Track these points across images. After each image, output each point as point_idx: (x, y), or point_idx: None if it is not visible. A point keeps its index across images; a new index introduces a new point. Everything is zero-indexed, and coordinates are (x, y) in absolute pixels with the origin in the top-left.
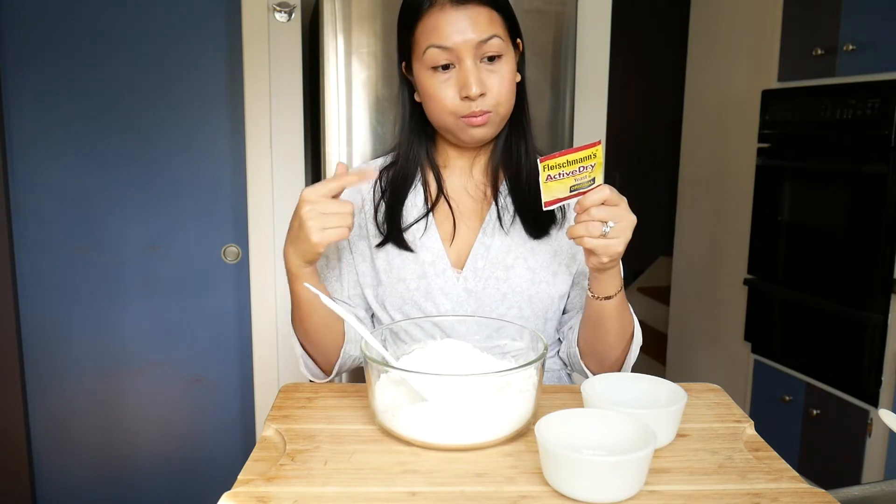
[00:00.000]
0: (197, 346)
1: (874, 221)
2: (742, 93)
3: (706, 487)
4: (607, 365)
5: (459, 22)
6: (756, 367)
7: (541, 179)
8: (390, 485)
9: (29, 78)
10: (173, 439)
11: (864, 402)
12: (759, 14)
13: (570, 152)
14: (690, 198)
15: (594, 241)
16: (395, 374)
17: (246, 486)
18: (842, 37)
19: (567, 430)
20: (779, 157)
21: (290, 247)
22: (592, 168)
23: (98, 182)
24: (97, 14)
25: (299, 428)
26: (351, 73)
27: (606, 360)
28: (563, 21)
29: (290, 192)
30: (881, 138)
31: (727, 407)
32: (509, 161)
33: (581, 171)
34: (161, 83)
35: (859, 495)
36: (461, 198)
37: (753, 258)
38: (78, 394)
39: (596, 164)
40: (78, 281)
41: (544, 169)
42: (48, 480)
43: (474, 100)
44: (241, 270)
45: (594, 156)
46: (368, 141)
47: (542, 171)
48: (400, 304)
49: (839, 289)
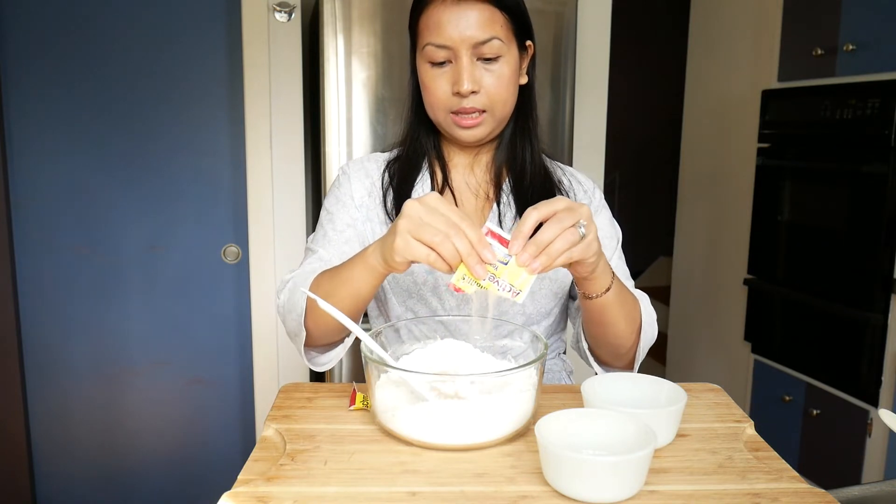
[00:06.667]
0: (197, 346)
1: (874, 221)
2: (742, 93)
3: (706, 487)
4: (622, 353)
5: (458, 19)
6: (756, 367)
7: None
8: (390, 485)
9: (29, 78)
10: (173, 439)
11: (864, 402)
12: (759, 14)
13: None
14: (690, 198)
15: (578, 248)
16: (394, 374)
17: (246, 486)
18: (842, 37)
19: (567, 430)
20: (779, 157)
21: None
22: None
23: (98, 182)
24: (97, 14)
25: (299, 428)
26: (351, 73)
27: (621, 349)
28: (563, 21)
29: (290, 192)
30: (881, 138)
31: (727, 407)
32: (513, 162)
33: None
34: (161, 83)
35: (859, 495)
36: (464, 194)
37: (753, 258)
38: (78, 394)
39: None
40: (78, 281)
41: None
42: (48, 480)
43: (465, 96)
44: (241, 270)
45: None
46: (368, 141)
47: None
48: (405, 298)
49: (839, 289)
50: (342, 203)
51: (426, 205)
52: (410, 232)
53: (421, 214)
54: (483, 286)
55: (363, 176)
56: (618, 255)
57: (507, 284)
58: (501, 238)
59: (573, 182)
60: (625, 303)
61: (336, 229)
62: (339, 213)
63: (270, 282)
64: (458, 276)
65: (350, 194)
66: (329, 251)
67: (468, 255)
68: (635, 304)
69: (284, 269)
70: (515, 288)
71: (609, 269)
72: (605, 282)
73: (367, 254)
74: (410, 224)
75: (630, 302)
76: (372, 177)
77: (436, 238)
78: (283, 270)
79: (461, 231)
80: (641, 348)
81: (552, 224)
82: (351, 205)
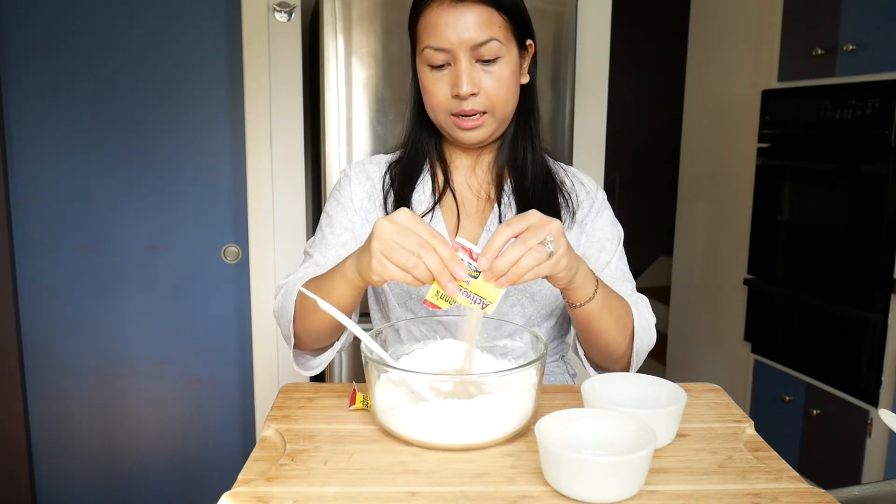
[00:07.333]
0: (197, 346)
1: (874, 221)
2: (742, 93)
3: (706, 487)
4: (616, 358)
5: (457, 21)
6: (756, 367)
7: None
8: (390, 485)
9: (29, 78)
10: (173, 439)
11: (864, 402)
12: (759, 14)
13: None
14: (690, 198)
15: (546, 266)
16: (394, 374)
17: (246, 486)
18: (842, 37)
19: (567, 430)
20: (779, 157)
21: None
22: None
23: (98, 182)
24: (97, 14)
25: (299, 428)
26: (351, 73)
27: (614, 354)
28: (563, 21)
29: (290, 192)
30: (881, 138)
31: (727, 407)
32: (514, 162)
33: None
34: (161, 83)
35: (859, 495)
36: (465, 195)
37: (753, 258)
38: (78, 394)
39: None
40: (78, 281)
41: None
42: (48, 480)
43: (465, 98)
44: (241, 270)
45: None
46: (368, 141)
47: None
48: (405, 299)
49: (839, 289)
50: (341, 206)
51: (397, 224)
52: (384, 253)
53: (392, 235)
54: (455, 300)
55: (364, 179)
56: (618, 256)
57: (478, 297)
58: (472, 252)
59: (575, 183)
60: (613, 310)
61: (334, 233)
62: (338, 216)
63: (270, 282)
64: (432, 293)
65: (350, 197)
66: (325, 255)
67: (440, 274)
68: (626, 311)
69: (284, 269)
70: (486, 300)
71: (592, 277)
72: (588, 291)
73: (345, 267)
74: (383, 246)
75: (620, 308)
76: (373, 179)
77: (408, 262)
78: (282, 270)
79: (432, 250)
80: (636, 353)
81: (518, 244)
82: (350, 208)
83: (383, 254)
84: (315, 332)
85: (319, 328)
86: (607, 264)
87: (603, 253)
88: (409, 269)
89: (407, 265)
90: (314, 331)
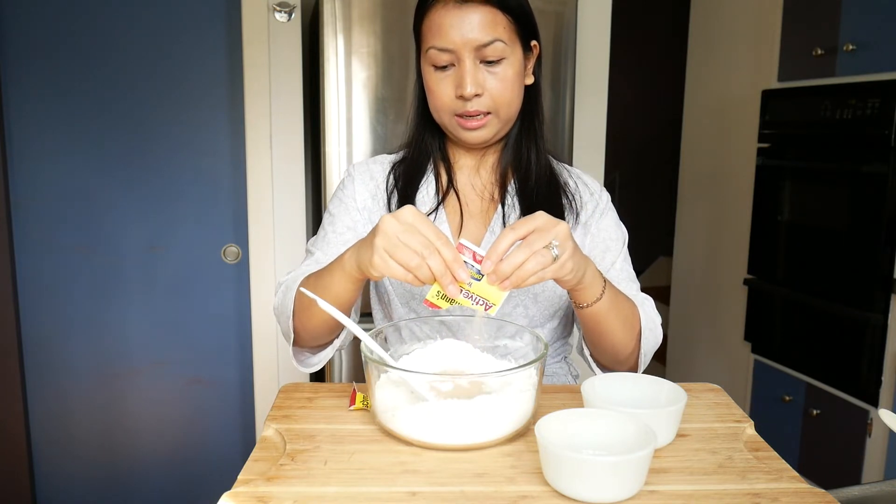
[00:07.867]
0: (197, 346)
1: (874, 221)
2: (742, 93)
3: (706, 487)
4: (622, 358)
5: (461, 22)
6: (756, 367)
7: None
8: (390, 485)
9: (29, 78)
10: (173, 439)
11: (864, 402)
12: (759, 14)
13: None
14: (690, 198)
15: (550, 269)
16: (394, 374)
17: (246, 486)
18: (842, 37)
19: (567, 430)
20: (779, 157)
21: (355, 247)
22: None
23: (98, 182)
24: (97, 14)
25: (299, 428)
26: (351, 73)
27: (621, 355)
28: (563, 21)
29: (290, 192)
30: (881, 138)
31: (727, 407)
32: (518, 163)
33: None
34: (161, 83)
35: (859, 495)
36: (469, 196)
37: (753, 258)
38: (78, 394)
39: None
40: (78, 281)
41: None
42: (48, 480)
43: (469, 99)
44: (241, 270)
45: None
46: (368, 141)
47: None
48: (408, 299)
49: (839, 289)
50: (344, 205)
51: (402, 221)
52: (387, 250)
53: (397, 232)
54: (457, 301)
55: (367, 179)
56: (623, 257)
57: (481, 299)
58: (475, 254)
59: (579, 184)
60: (620, 310)
61: (336, 231)
62: (341, 215)
63: (270, 282)
64: (433, 293)
65: (353, 197)
66: (326, 253)
67: (442, 276)
68: (633, 311)
69: (284, 269)
70: (489, 302)
71: (600, 278)
72: (595, 292)
73: (344, 260)
74: (387, 242)
75: (627, 309)
76: (376, 179)
77: (412, 262)
78: (282, 270)
79: (436, 251)
80: (643, 354)
81: (523, 247)
82: (353, 207)
83: (386, 251)
84: (314, 329)
85: (318, 326)
86: (612, 265)
87: (608, 254)
88: (412, 269)
89: (410, 265)
90: (313, 328)
